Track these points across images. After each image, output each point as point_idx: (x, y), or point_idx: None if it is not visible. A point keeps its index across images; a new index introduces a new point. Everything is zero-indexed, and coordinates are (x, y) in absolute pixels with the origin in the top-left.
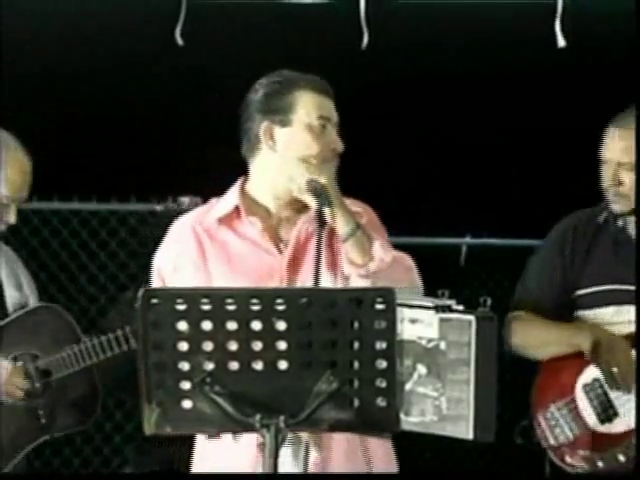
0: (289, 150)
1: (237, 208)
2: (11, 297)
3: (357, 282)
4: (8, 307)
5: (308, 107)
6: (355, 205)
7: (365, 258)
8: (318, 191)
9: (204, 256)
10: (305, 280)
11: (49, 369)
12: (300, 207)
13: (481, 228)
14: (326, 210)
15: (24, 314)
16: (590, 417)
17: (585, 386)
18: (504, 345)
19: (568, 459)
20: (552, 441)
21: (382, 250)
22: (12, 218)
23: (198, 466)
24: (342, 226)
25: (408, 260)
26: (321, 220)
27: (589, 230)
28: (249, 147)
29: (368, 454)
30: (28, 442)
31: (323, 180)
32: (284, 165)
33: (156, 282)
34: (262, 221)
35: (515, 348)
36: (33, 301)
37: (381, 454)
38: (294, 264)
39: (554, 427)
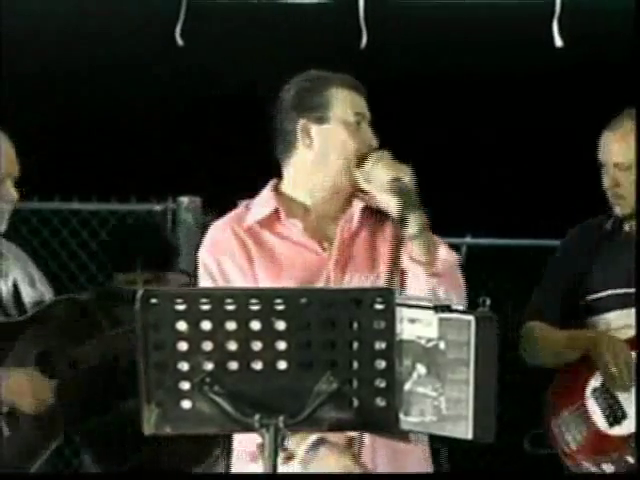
0: (327, 147)
1: (277, 210)
2: (27, 294)
3: (422, 281)
4: (25, 304)
5: (343, 104)
6: None
7: (431, 257)
8: (403, 191)
9: (250, 260)
10: (352, 280)
11: (75, 361)
12: (339, 204)
13: (481, 228)
14: (407, 210)
15: (44, 308)
16: (600, 420)
17: (594, 390)
18: (523, 357)
19: (579, 463)
20: (564, 447)
21: (446, 251)
22: (12, 193)
23: None
24: (413, 225)
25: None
26: (403, 221)
27: (597, 237)
28: (284, 147)
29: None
30: (57, 436)
31: (407, 179)
32: (333, 162)
33: (206, 282)
34: (302, 221)
35: (530, 358)
36: (48, 296)
37: (419, 455)
38: (341, 263)
39: (566, 433)
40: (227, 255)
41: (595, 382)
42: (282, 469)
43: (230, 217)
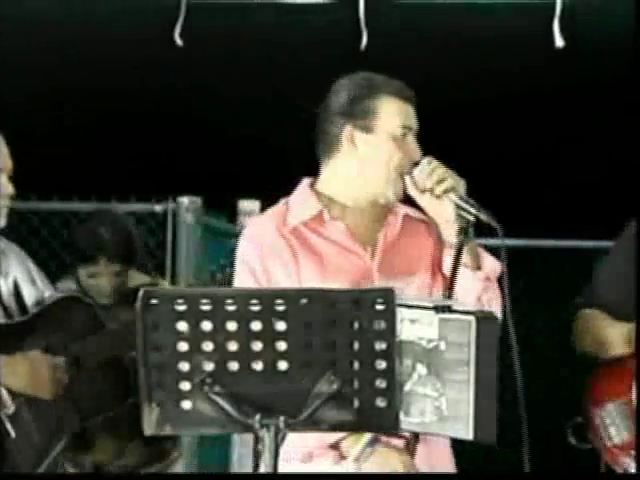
0: (370, 157)
1: (320, 212)
2: (28, 293)
3: (469, 287)
4: (27, 303)
5: (392, 114)
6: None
7: (478, 263)
8: (460, 198)
9: (296, 260)
10: (395, 284)
11: (79, 357)
12: (379, 209)
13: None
14: (464, 217)
15: (47, 306)
16: None
17: None
18: (572, 344)
19: (620, 459)
20: (606, 441)
21: (492, 258)
22: (8, 187)
23: None
24: (468, 232)
25: None
26: (466, 232)
27: None
28: (326, 147)
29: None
30: (66, 433)
31: (461, 187)
32: (375, 172)
33: (247, 281)
34: (344, 223)
35: (580, 345)
36: (49, 294)
37: (447, 455)
38: (384, 268)
39: (609, 426)
40: (273, 254)
41: None
42: (334, 469)
43: (271, 216)
